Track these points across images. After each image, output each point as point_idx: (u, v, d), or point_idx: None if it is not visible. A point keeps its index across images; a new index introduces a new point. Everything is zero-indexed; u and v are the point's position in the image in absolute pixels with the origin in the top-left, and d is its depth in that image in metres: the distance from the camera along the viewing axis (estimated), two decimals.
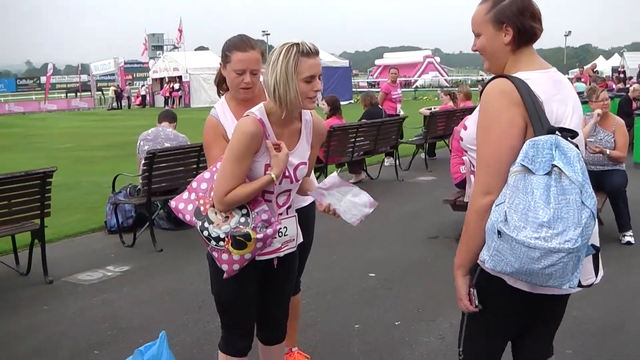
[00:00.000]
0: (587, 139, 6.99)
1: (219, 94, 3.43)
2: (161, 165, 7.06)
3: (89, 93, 53.45)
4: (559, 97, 2.34)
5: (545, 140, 2.13)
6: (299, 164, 2.94)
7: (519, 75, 2.30)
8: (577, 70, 34.99)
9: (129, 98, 46.96)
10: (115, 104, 45.33)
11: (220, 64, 3.27)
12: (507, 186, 2.16)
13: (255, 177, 2.81)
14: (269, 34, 67.44)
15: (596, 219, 2.19)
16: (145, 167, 6.87)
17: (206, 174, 2.95)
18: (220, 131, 3.20)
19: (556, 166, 2.08)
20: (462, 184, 7.20)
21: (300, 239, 3.14)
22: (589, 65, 30.63)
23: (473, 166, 2.46)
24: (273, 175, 2.77)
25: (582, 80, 24.10)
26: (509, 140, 2.23)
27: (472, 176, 2.49)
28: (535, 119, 2.21)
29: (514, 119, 2.24)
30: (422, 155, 12.95)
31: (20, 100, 54.94)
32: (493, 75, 2.39)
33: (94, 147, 18.53)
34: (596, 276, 2.36)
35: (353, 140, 10.00)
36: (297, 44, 2.71)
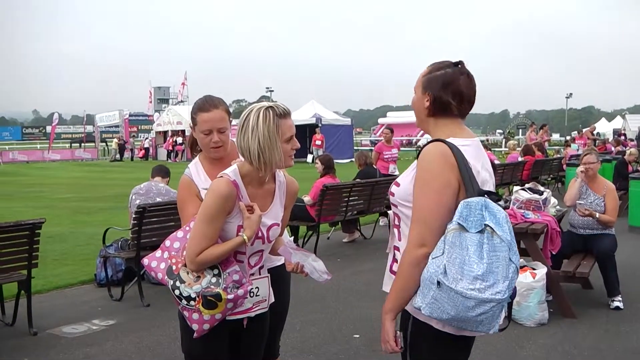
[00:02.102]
0: (577, 201, 7.03)
1: (192, 156, 3.51)
2: (152, 220, 7.10)
3: (93, 144, 53.80)
4: (481, 163, 2.60)
5: (476, 202, 2.38)
6: (272, 225, 2.99)
7: (452, 140, 2.53)
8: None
9: (132, 150, 47.27)
10: (117, 156, 45.62)
11: (191, 127, 3.40)
12: (445, 242, 2.37)
13: (228, 238, 2.86)
14: (272, 91, 68.32)
15: (518, 273, 2.46)
16: (135, 222, 6.92)
17: (179, 233, 3.01)
18: (194, 190, 3.27)
19: (488, 225, 2.33)
20: None
21: (272, 299, 3.16)
22: (588, 128, 30.86)
23: (398, 220, 2.70)
24: (245, 237, 2.82)
25: (581, 141, 24.47)
26: (444, 198, 2.46)
27: (395, 230, 2.74)
28: (467, 182, 2.45)
29: (450, 180, 2.46)
30: None
31: (25, 149, 55.39)
32: (432, 139, 2.59)
33: (92, 198, 18.62)
34: (508, 322, 2.61)
35: (347, 199, 10.03)
36: (272, 107, 2.80)
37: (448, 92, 2.60)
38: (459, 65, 2.65)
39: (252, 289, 2.98)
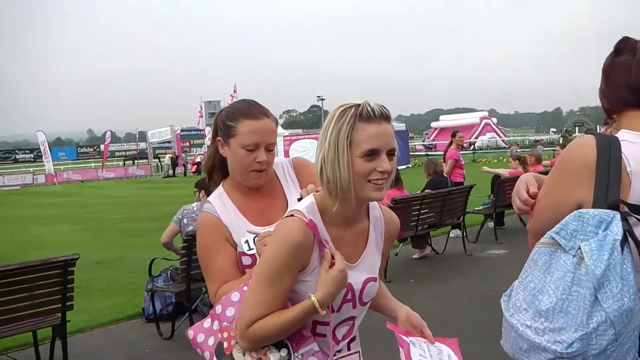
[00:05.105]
0: None
1: (210, 186, 2.56)
2: None
3: (146, 160, 53.86)
4: None
5: (594, 215, 1.76)
6: (368, 280, 2.06)
7: (625, 134, 1.94)
8: None
9: (185, 165, 47.02)
10: (170, 172, 45.41)
11: (219, 141, 2.42)
12: (529, 257, 1.85)
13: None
14: (323, 99, 67.53)
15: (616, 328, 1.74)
16: (184, 251, 6.07)
17: (234, 295, 2.10)
18: (223, 233, 2.34)
19: (580, 248, 1.73)
20: None
21: None
22: None
23: None
24: (314, 300, 1.89)
25: None
26: (554, 194, 1.94)
27: None
28: (600, 186, 1.82)
29: (574, 176, 1.89)
30: (491, 224, 11.92)
31: (79, 168, 55.74)
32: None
33: (145, 217, 18.03)
34: None
35: (417, 213, 9.09)
36: (357, 105, 1.87)
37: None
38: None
39: None
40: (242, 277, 2.26)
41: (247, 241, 2.32)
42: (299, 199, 2.12)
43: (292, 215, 1.93)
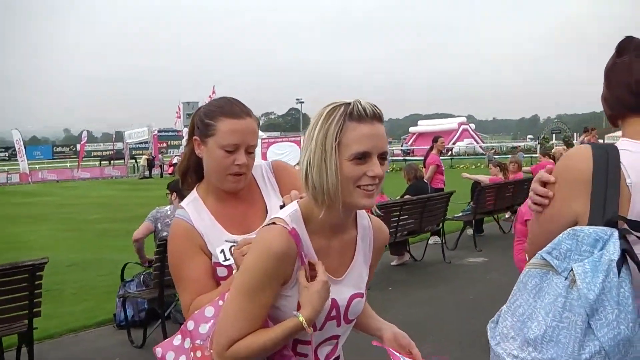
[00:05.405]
0: None
1: (184, 190, 2.39)
2: None
3: (123, 161, 53.31)
4: None
5: (589, 233, 1.60)
6: (354, 296, 1.90)
7: (623, 143, 1.80)
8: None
9: (161, 166, 46.61)
10: (147, 173, 44.96)
11: (195, 140, 2.25)
12: (518, 280, 1.69)
13: (284, 320, 1.78)
14: (302, 102, 67.37)
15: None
16: (158, 256, 5.88)
17: (208, 310, 1.94)
18: (196, 241, 2.18)
19: (573, 269, 1.57)
20: None
21: None
22: None
23: None
24: (302, 319, 1.73)
25: None
26: (556, 216, 1.78)
27: None
28: (597, 201, 1.68)
29: (570, 189, 1.76)
30: (469, 231, 11.84)
31: (55, 167, 54.99)
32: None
33: (121, 219, 17.71)
34: None
35: (397, 219, 8.95)
36: (347, 103, 1.72)
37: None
38: None
39: None
40: (217, 289, 2.11)
41: (222, 251, 2.16)
42: (282, 206, 1.97)
43: (273, 223, 1.77)
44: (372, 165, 1.70)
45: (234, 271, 1.99)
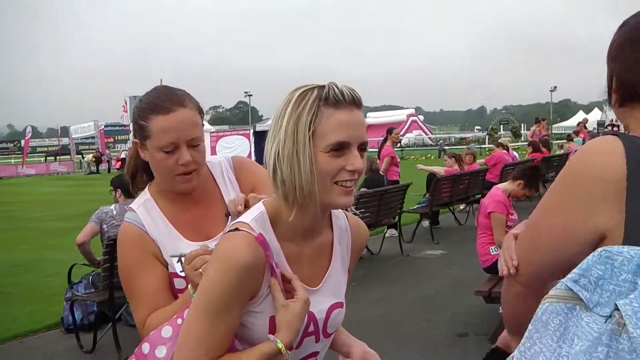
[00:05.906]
0: None
1: (135, 192, 2.14)
2: None
3: (69, 156, 52.14)
4: None
5: (630, 256, 1.18)
6: (333, 307, 1.69)
7: None
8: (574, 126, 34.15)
9: (109, 161, 45.73)
10: (93, 168, 44.03)
11: (136, 143, 2.02)
12: (535, 315, 1.26)
13: (255, 339, 1.55)
14: (251, 95, 66.88)
15: None
16: (107, 256, 5.57)
17: (165, 331, 1.69)
18: (149, 247, 1.94)
19: (618, 310, 1.13)
20: (492, 269, 5.97)
21: None
22: (581, 120, 29.67)
23: None
24: (280, 345, 1.51)
25: (581, 135, 23.03)
26: (560, 220, 1.38)
27: None
28: (633, 212, 1.26)
29: (591, 196, 1.33)
30: (425, 224, 11.75)
31: None
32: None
33: (66, 216, 17.17)
34: None
35: (353, 212, 8.73)
36: (321, 86, 1.49)
37: None
38: None
39: None
40: (175, 303, 1.86)
41: (180, 260, 1.92)
42: (227, 215, 1.75)
43: (236, 229, 1.53)
44: (351, 157, 1.49)
45: (189, 287, 1.75)
